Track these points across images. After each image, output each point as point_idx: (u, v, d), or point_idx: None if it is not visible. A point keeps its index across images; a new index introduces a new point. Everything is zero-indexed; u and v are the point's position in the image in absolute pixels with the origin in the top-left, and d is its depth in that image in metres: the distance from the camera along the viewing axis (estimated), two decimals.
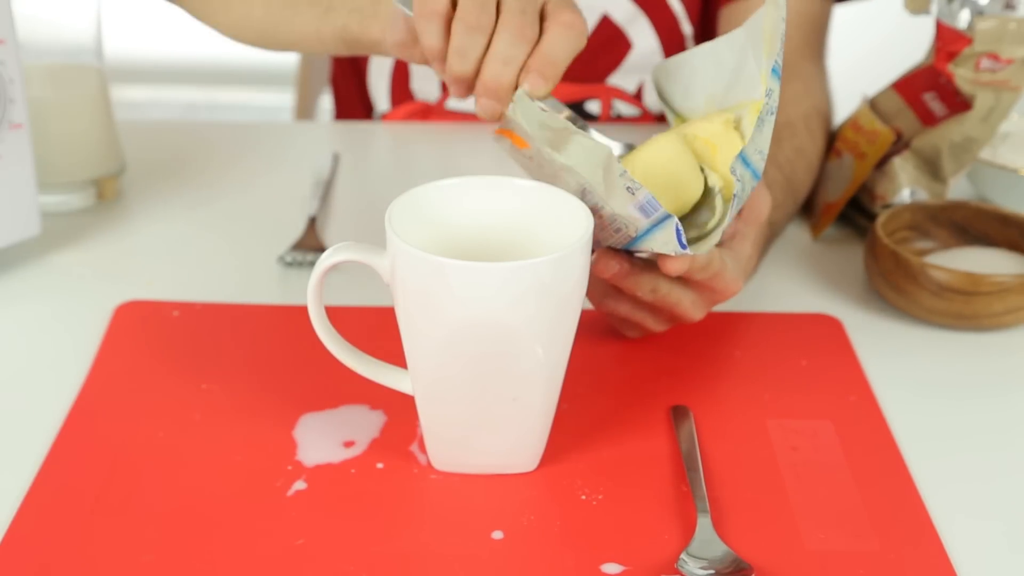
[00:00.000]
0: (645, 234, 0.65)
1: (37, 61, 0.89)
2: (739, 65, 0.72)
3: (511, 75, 0.68)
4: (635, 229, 0.65)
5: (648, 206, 0.63)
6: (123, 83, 2.54)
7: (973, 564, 0.61)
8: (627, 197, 0.63)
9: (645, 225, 0.64)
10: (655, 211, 0.63)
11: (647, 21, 1.08)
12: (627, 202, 0.63)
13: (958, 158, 0.89)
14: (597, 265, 0.68)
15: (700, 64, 0.74)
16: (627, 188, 0.63)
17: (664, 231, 0.64)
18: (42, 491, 0.64)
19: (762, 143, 0.67)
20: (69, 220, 0.91)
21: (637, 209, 0.63)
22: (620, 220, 0.65)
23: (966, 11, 0.87)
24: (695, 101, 0.75)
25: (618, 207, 0.64)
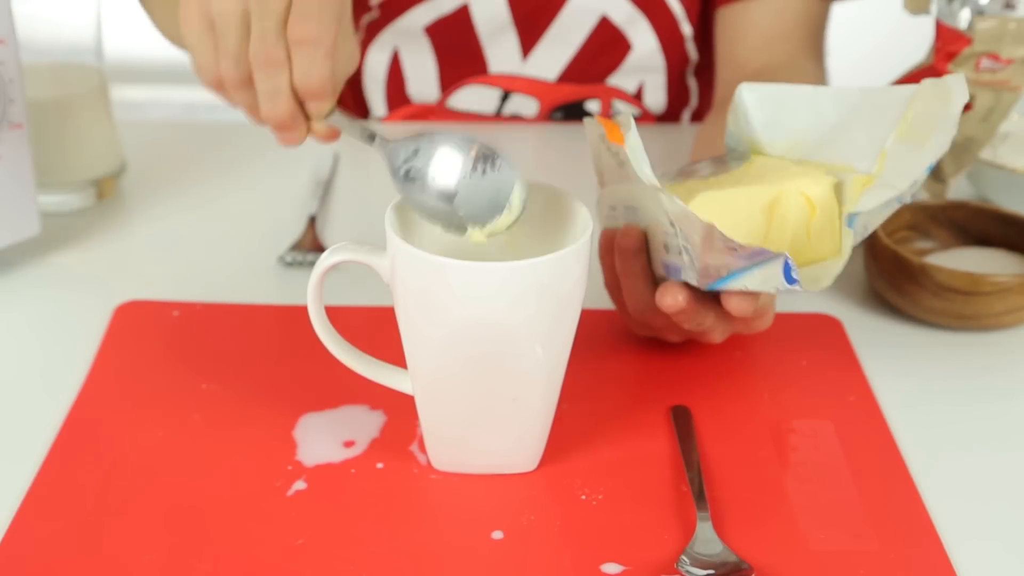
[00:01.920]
0: (741, 273, 0.63)
1: (37, 61, 0.89)
2: (844, 126, 0.70)
3: (284, 107, 0.66)
4: (728, 270, 0.63)
5: (754, 253, 0.61)
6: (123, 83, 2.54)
7: (973, 564, 0.61)
8: (725, 252, 0.62)
9: (742, 266, 0.62)
10: (760, 256, 0.61)
11: (646, 22, 1.08)
12: (724, 254, 0.62)
13: (958, 158, 0.89)
14: (664, 299, 0.66)
15: (794, 104, 0.72)
16: (727, 247, 0.61)
17: (768, 268, 0.62)
18: (42, 491, 0.64)
19: (874, 220, 0.66)
20: (69, 220, 0.91)
21: (737, 257, 0.62)
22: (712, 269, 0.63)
23: (966, 11, 0.87)
24: (775, 136, 0.72)
25: (711, 260, 0.63)
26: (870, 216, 0.66)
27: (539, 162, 1.01)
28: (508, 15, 1.07)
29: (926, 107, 0.67)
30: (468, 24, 1.08)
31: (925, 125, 0.67)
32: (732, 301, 0.65)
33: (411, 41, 1.11)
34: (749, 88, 0.73)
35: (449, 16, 1.08)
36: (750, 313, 0.66)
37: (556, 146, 1.05)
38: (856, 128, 0.70)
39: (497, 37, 1.09)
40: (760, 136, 0.73)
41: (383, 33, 1.11)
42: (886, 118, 0.68)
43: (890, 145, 0.68)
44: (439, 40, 1.10)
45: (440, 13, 1.08)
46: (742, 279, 0.63)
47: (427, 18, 1.09)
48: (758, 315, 0.69)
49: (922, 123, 0.67)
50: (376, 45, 1.12)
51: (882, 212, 0.66)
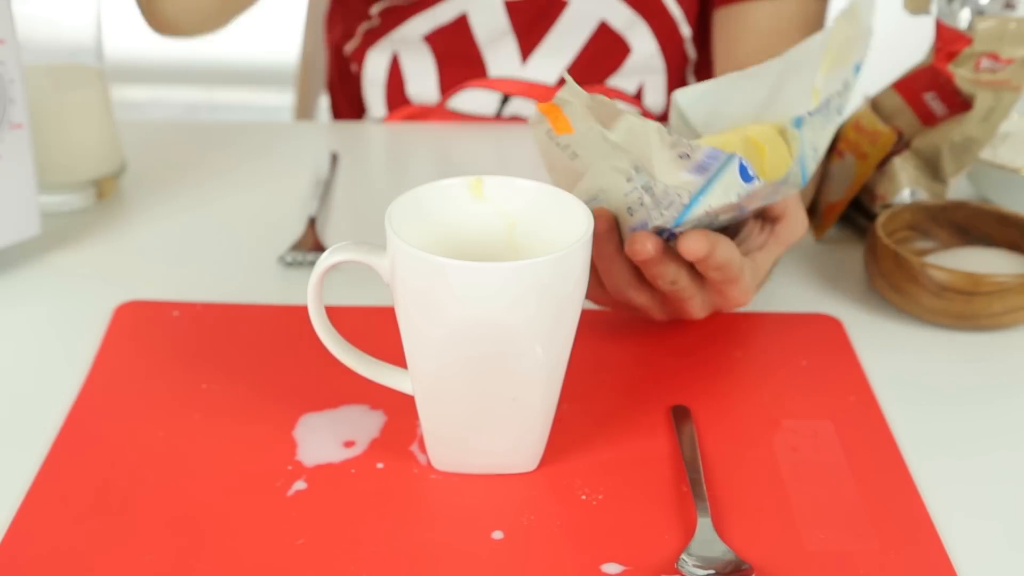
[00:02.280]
0: (702, 192, 0.64)
1: (37, 61, 0.89)
2: (775, 92, 0.72)
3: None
4: (689, 195, 0.64)
5: (707, 160, 0.62)
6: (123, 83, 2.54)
7: (973, 564, 0.61)
8: (681, 164, 0.63)
9: (702, 183, 0.63)
10: (715, 160, 0.62)
11: (645, 26, 1.08)
12: (681, 168, 0.63)
13: (958, 158, 0.89)
14: (633, 246, 0.67)
15: (725, 95, 0.74)
16: (680, 156, 0.62)
17: (726, 176, 0.63)
18: (42, 491, 0.64)
19: (820, 138, 0.67)
20: (69, 220, 0.91)
21: (693, 170, 0.63)
22: (673, 192, 0.64)
23: (966, 11, 0.87)
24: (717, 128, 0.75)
25: (670, 178, 0.63)
26: (814, 132, 0.66)
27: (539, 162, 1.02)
28: (507, 23, 1.08)
29: (842, 37, 0.69)
30: (467, 32, 1.08)
31: (844, 50, 0.68)
32: (685, 242, 0.66)
33: (410, 47, 1.11)
34: (682, 93, 0.76)
35: (448, 26, 1.08)
36: (704, 251, 0.67)
37: None
38: (786, 87, 0.72)
39: (496, 43, 1.09)
40: (703, 132, 0.76)
41: (382, 40, 1.11)
42: (810, 64, 0.71)
43: (819, 81, 0.69)
44: (438, 47, 1.10)
45: (438, 23, 1.08)
46: (705, 199, 0.64)
47: (426, 27, 1.09)
48: (728, 282, 0.70)
49: (842, 50, 0.69)
50: (375, 50, 1.13)
51: (824, 127, 0.67)
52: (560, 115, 0.69)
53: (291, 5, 1.97)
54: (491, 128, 1.11)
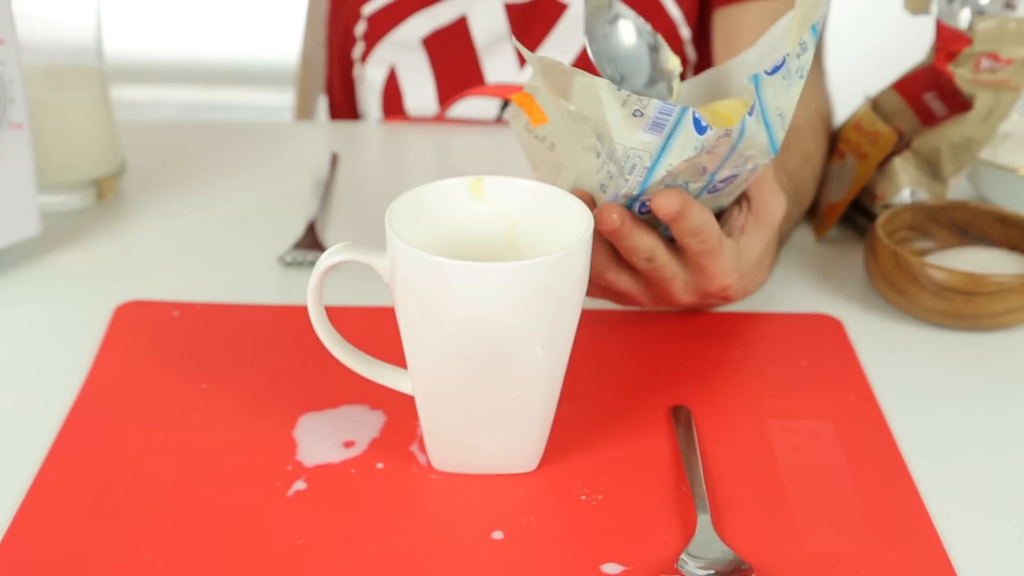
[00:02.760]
0: (662, 153, 0.64)
1: (37, 61, 0.89)
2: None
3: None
4: (650, 156, 0.64)
5: (661, 116, 0.62)
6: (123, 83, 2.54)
7: (973, 564, 0.61)
8: (635, 123, 0.63)
9: (660, 143, 0.63)
10: (669, 115, 0.62)
11: None
12: (636, 128, 0.63)
13: (958, 158, 0.89)
14: (600, 217, 0.67)
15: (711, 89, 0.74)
16: (633, 113, 0.62)
17: (682, 132, 0.63)
18: (42, 491, 0.64)
19: (784, 103, 0.66)
20: (69, 220, 0.91)
21: (649, 129, 0.63)
22: (634, 155, 0.64)
23: (966, 11, 0.87)
24: None
25: (628, 139, 0.63)
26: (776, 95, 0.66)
27: None
28: (506, 26, 1.08)
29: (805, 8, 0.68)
30: (466, 36, 1.08)
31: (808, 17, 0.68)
32: (658, 198, 0.66)
33: (408, 55, 1.11)
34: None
35: (447, 28, 1.08)
36: (677, 205, 0.66)
37: None
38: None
39: (495, 48, 1.09)
40: None
41: (380, 45, 1.11)
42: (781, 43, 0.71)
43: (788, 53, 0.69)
44: (436, 53, 1.10)
45: (438, 24, 1.08)
46: (665, 159, 0.64)
47: (425, 29, 1.09)
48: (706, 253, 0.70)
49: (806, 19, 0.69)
50: (373, 59, 1.12)
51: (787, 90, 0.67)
52: (534, 104, 0.68)
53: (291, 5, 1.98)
54: (491, 129, 1.11)
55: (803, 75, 0.67)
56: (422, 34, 1.09)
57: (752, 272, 0.75)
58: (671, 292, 0.73)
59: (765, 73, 0.66)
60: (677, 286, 0.73)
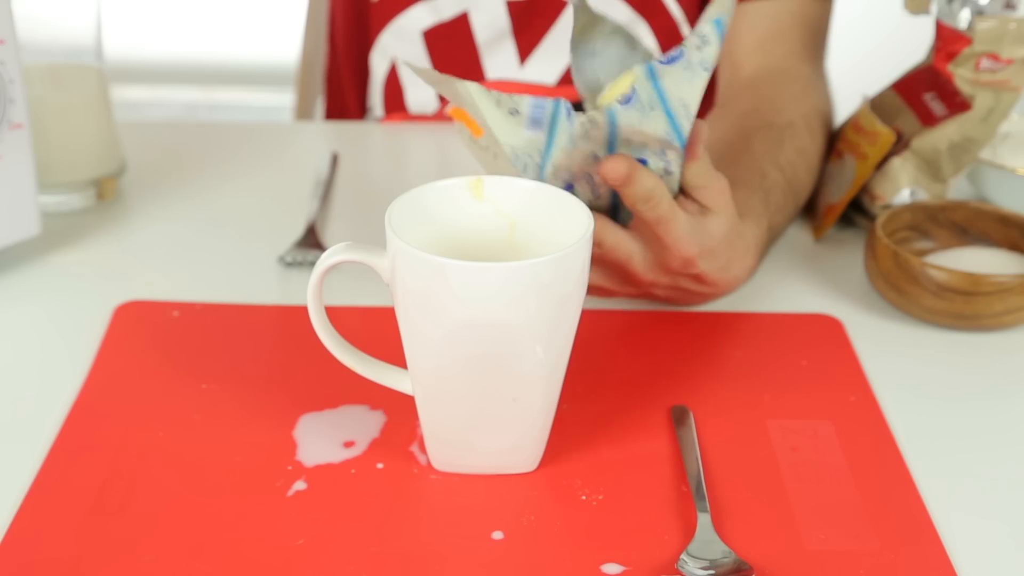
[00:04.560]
0: (548, 149, 0.64)
1: (37, 61, 0.89)
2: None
3: None
4: (539, 153, 0.64)
5: (536, 111, 0.62)
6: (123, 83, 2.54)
7: (973, 564, 0.61)
8: (516, 122, 0.63)
9: (544, 139, 0.64)
10: (543, 109, 0.62)
11: (645, 26, 1.08)
12: (519, 126, 0.63)
13: (958, 158, 0.89)
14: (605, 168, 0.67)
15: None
16: (510, 112, 0.62)
17: (561, 125, 0.63)
18: (42, 491, 0.64)
19: (688, 94, 0.66)
20: (69, 220, 0.91)
21: (530, 127, 0.63)
22: (524, 155, 0.64)
23: (966, 11, 0.87)
24: None
25: (513, 138, 0.63)
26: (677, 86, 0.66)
27: None
28: (507, 22, 1.08)
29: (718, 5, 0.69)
30: (467, 32, 1.08)
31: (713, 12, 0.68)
32: (605, 164, 0.66)
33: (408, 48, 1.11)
34: None
35: (449, 23, 1.08)
36: (624, 170, 0.66)
37: None
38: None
39: (495, 45, 1.09)
40: None
41: (384, 33, 1.11)
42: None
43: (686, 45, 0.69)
44: (436, 48, 1.10)
45: (440, 18, 1.08)
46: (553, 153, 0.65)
47: (427, 21, 1.09)
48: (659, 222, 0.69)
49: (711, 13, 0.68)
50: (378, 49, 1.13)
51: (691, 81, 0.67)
52: (468, 118, 0.68)
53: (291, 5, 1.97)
54: None
55: (707, 68, 0.66)
56: (423, 26, 1.09)
57: (723, 252, 0.74)
58: (634, 273, 0.73)
59: (659, 63, 0.66)
60: (637, 264, 0.72)
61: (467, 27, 1.08)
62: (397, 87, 1.13)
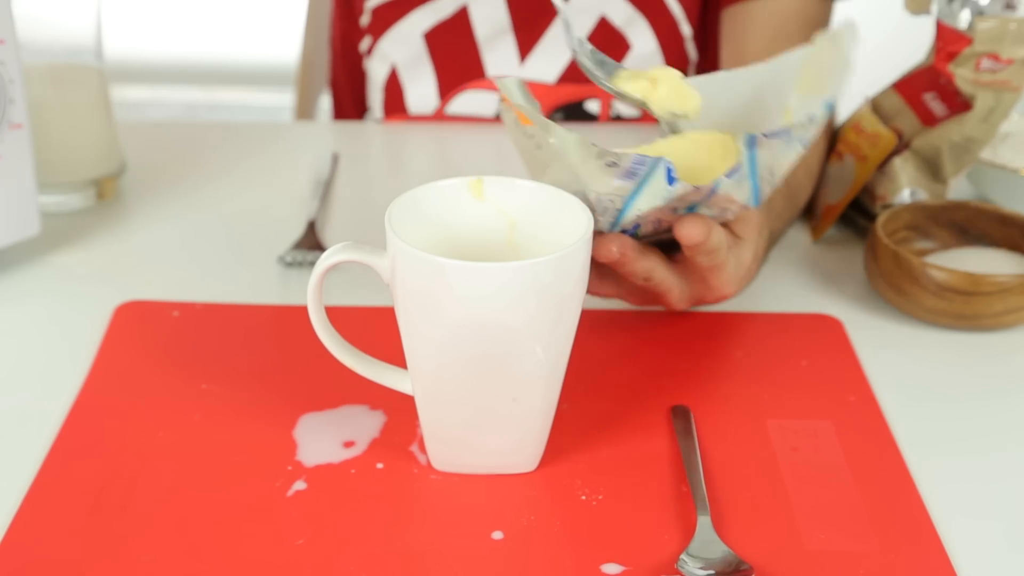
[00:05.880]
0: (633, 197, 0.64)
1: (37, 61, 0.89)
2: (756, 98, 0.72)
3: None
4: (621, 200, 0.65)
5: (635, 166, 0.63)
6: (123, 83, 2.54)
7: (973, 564, 0.61)
8: (609, 172, 0.63)
9: (632, 188, 0.64)
10: (643, 165, 0.63)
11: (646, 23, 1.08)
12: (610, 176, 0.63)
13: (958, 158, 0.89)
14: (597, 250, 0.68)
15: (713, 91, 0.73)
16: (607, 164, 0.63)
17: (654, 181, 0.63)
18: (42, 491, 0.64)
19: (778, 163, 0.67)
20: (69, 220, 0.91)
21: (622, 176, 0.63)
22: (606, 199, 0.65)
23: (966, 11, 0.87)
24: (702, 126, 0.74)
25: (601, 186, 0.64)
26: (773, 156, 0.67)
27: None
28: (507, 18, 1.08)
29: (822, 59, 0.69)
30: (467, 28, 1.08)
31: (823, 74, 0.68)
32: (683, 228, 0.67)
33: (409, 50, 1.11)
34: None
35: (448, 20, 1.08)
36: (702, 236, 0.67)
37: None
38: (765, 97, 0.72)
39: (495, 41, 1.09)
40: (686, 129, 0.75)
41: (383, 39, 1.11)
42: (787, 80, 0.71)
43: (793, 101, 0.69)
44: (437, 47, 1.10)
45: (439, 17, 1.08)
46: (635, 203, 0.65)
47: (426, 23, 1.09)
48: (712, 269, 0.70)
49: (820, 73, 0.69)
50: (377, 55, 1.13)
51: (785, 153, 0.67)
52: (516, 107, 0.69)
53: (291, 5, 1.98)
54: (490, 128, 1.11)
55: (805, 145, 0.67)
56: (424, 28, 1.09)
57: (743, 276, 0.76)
58: (667, 302, 0.74)
59: (763, 135, 0.66)
60: (673, 296, 0.74)
61: (467, 22, 1.08)
62: (397, 89, 1.13)
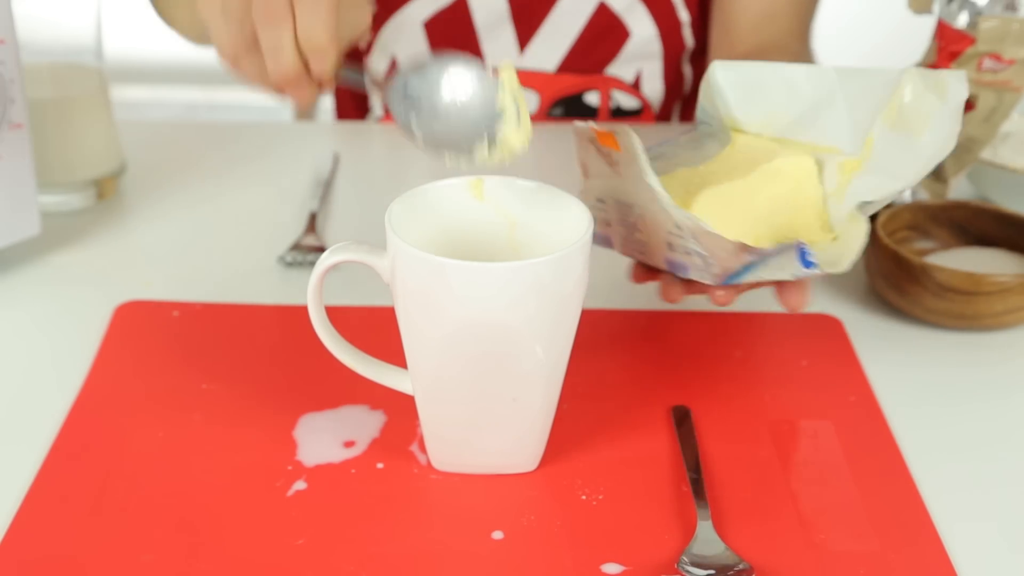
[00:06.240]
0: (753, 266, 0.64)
1: (37, 61, 0.89)
2: (822, 105, 0.71)
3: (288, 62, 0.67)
4: (742, 266, 0.64)
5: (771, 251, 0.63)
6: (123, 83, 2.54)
7: (973, 564, 0.61)
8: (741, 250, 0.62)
9: (755, 259, 0.63)
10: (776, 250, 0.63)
11: (644, 9, 1.09)
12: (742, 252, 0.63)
13: (959, 158, 0.89)
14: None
15: (768, 82, 0.73)
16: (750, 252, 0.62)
17: (781, 257, 0.63)
18: (42, 491, 0.64)
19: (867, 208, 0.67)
20: (69, 220, 0.91)
21: (752, 254, 0.63)
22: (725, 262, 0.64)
23: (965, 13, 0.87)
24: (751, 113, 0.73)
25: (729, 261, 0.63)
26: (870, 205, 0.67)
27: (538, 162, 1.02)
28: (506, 6, 1.08)
29: (918, 97, 0.68)
30: (466, 17, 1.08)
31: (918, 116, 0.68)
32: (789, 300, 0.67)
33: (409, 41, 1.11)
34: (722, 67, 0.74)
35: (447, 9, 1.08)
36: (804, 306, 0.68)
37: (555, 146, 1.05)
38: (836, 109, 0.71)
39: (494, 31, 1.09)
40: (736, 114, 0.74)
41: (384, 31, 1.11)
42: (868, 102, 0.70)
43: (877, 132, 0.69)
44: (436, 36, 1.10)
45: (439, 6, 1.08)
46: (756, 271, 0.64)
47: (426, 12, 1.09)
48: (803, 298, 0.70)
49: (914, 113, 0.68)
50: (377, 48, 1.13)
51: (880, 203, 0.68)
52: (610, 136, 0.67)
53: None
54: None
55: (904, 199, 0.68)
56: (423, 17, 1.09)
57: None
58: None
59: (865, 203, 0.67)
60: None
61: (466, 11, 1.08)
62: None
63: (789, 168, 0.70)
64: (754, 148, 0.72)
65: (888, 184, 0.68)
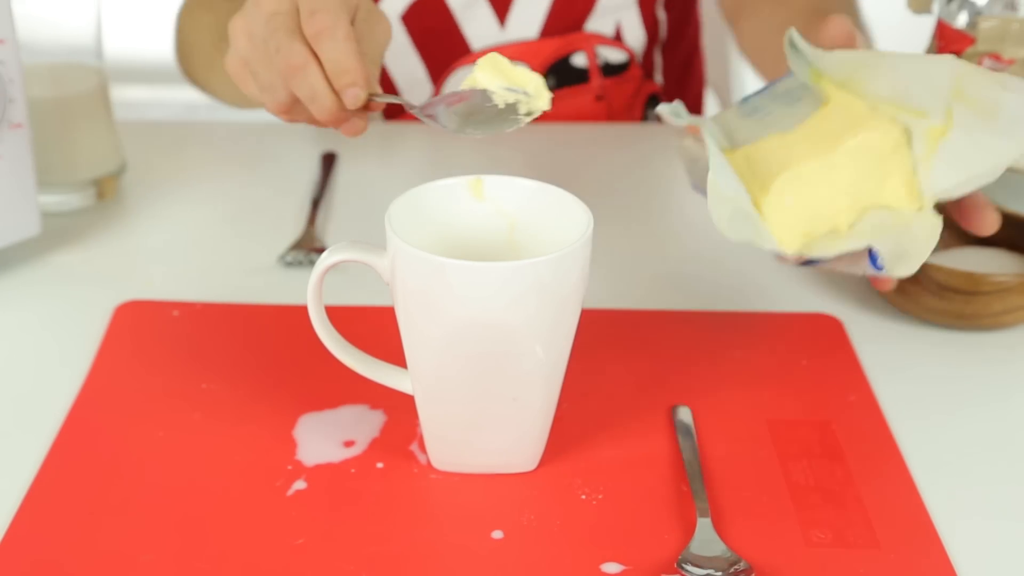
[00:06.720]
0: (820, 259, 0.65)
1: (37, 61, 0.89)
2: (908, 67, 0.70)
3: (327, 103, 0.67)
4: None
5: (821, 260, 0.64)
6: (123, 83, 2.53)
7: (973, 564, 0.61)
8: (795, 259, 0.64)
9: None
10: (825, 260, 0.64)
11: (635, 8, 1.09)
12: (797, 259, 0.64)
13: None
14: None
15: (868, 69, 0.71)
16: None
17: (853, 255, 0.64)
18: (42, 491, 0.64)
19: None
20: (69, 220, 0.91)
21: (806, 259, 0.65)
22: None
23: (964, 13, 0.86)
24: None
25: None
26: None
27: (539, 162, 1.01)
28: None
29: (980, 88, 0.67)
30: (440, 3, 1.08)
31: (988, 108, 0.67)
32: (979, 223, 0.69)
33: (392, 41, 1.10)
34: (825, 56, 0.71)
35: None
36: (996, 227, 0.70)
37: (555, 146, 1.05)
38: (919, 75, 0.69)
39: (470, 10, 1.08)
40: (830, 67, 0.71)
41: None
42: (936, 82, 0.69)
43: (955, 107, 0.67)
44: (416, 28, 1.09)
45: None
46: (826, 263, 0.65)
47: (400, 5, 1.08)
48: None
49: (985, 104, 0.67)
50: None
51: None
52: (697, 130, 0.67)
53: None
54: None
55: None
56: (399, 11, 1.09)
57: None
58: None
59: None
60: None
61: None
62: (388, 82, 1.13)
63: (876, 141, 0.68)
64: (845, 113, 0.70)
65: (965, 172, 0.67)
